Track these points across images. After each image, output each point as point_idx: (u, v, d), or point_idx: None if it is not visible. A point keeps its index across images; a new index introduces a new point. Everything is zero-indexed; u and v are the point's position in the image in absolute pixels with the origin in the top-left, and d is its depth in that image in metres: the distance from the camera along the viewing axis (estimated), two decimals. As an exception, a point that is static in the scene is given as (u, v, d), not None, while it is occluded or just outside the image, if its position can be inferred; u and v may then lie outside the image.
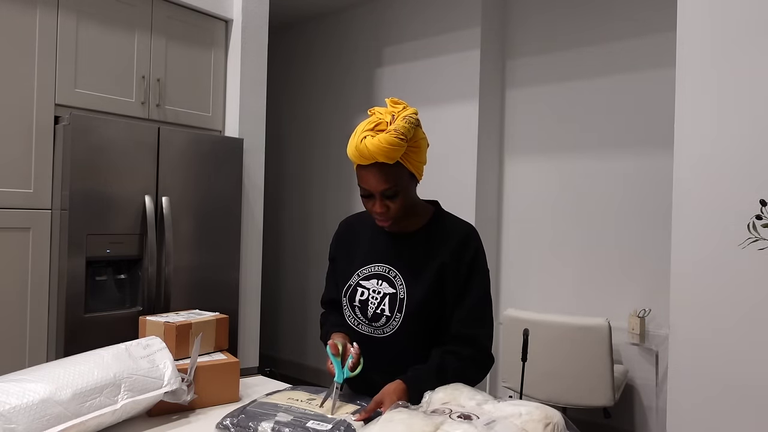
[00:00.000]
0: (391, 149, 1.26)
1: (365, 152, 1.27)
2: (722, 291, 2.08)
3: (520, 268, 3.73)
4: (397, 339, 1.40)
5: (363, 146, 1.27)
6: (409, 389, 1.28)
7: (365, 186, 1.34)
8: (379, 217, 1.38)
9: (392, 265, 1.44)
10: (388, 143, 1.25)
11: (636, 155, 3.30)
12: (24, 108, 2.49)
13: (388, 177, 1.31)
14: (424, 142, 1.37)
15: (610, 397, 2.71)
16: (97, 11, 2.72)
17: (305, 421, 1.19)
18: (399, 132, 1.26)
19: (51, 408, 1.14)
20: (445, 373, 1.33)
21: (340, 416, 1.23)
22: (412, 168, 1.35)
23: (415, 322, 1.39)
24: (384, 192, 1.32)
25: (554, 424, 1.05)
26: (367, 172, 1.31)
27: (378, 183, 1.31)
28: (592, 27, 3.46)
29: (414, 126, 1.31)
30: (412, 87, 3.99)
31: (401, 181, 1.33)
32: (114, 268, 2.71)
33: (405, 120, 1.29)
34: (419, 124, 1.35)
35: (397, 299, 1.40)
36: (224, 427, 1.20)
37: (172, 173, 2.82)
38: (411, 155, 1.32)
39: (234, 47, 3.21)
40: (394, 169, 1.31)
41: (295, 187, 4.76)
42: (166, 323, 1.49)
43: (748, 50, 2.04)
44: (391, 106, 1.35)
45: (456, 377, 1.28)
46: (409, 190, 1.38)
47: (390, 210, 1.36)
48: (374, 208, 1.36)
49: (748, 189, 2.03)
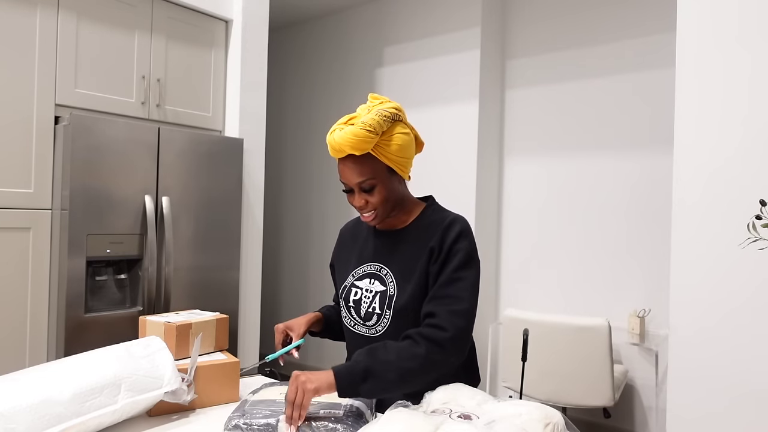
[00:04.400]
0: (357, 140, 1.29)
1: (334, 144, 1.33)
2: (722, 291, 2.08)
3: (520, 268, 3.73)
4: (389, 338, 1.39)
5: (332, 138, 1.33)
6: (337, 376, 1.20)
7: (343, 180, 1.38)
8: (362, 212, 1.40)
9: (384, 264, 1.44)
10: (353, 134, 1.29)
11: (636, 155, 3.30)
12: (24, 108, 2.49)
13: (362, 169, 1.34)
14: (404, 137, 1.35)
15: (610, 397, 2.71)
16: (97, 11, 2.72)
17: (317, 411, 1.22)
18: (366, 124, 1.29)
19: (51, 408, 1.14)
20: (375, 350, 1.25)
21: None
22: (389, 162, 1.34)
23: (404, 319, 1.37)
24: (360, 185, 1.36)
25: (554, 424, 1.05)
26: (343, 165, 1.36)
27: (352, 175, 1.35)
28: (592, 27, 3.46)
29: (387, 120, 1.32)
30: (412, 87, 3.99)
31: (377, 174, 1.35)
32: (114, 268, 2.71)
33: (377, 113, 1.32)
34: (398, 118, 1.36)
35: (387, 297, 1.40)
36: (235, 427, 1.20)
37: (172, 173, 2.82)
38: (384, 148, 1.33)
39: (234, 47, 3.21)
40: (367, 161, 1.34)
41: (295, 187, 4.77)
42: (166, 323, 1.49)
43: (748, 50, 2.04)
44: (370, 101, 1.39)
45: (401, 359, 1.22)
46: (388, 184, 1.37)
47: (369, 204, 1.38)
48: (354, 202, 1.40)
49: (748, 189, 2.03)
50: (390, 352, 1.25)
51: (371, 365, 1.22)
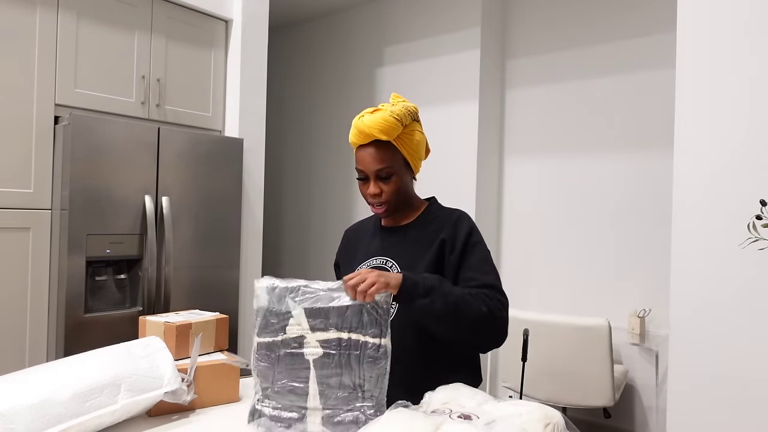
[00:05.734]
0: (386, 125, 1.37)
1: (362, 127, 1.39)
2: (722, 291, 2.08)
3: (519, 268, 3.73)
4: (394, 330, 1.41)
5: (361, 122, 1.40)
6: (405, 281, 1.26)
7: (361, 167, 1.43)
8: (374, 201, 1.45)
9: (389, 257, 1.48)
10: (383, 119, 1.38)
11: (636, 155, 3.30)
12: (24, 108, 2.49)
13: (384, 156, 1.40)
14: (420, 136, 1.46)
15: (610, 397, 2.71)
16: (97, 11, 2.72)
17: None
18: (395, 113, 1.39)
19: (51, 408, 1.14)
20: (445, 280, 1.32)
21: None
22: (407, 154, 1.43)
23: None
24: (378, 172, 1.41)
25: (554, 424, 1.05)
26: (364, 151, 1.42)
27: (373, 161, 1.40)
28: (592, 27, 3.46)
29: (411, 114, 1.43)
30: (412, 87, 3.99)
31: (395, 163, 1.42)
32: (114, 268, 2.71)
33: (403, 106, 1.42)
34: (417, 118, 1.47)
35: None
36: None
37: (172, 173, 2.82)
38: (406, 140, 1.42)
39: (234, 47, 3.21)
40: (389, 150, 1.41)
41: (295, 187, 4.76)
42: (166, 323, 1.49)
43: (748, 50, 2.04)
44: (393, 99, 1.48)
45: (464, 300, 1.28)
46: (402, 176, 1.45)
47: (383, 193, 1.43)
48: (368, 190, 1.44)
49: (748, 189, 2.03)
50: (458, 288, 1.32)
51: (438, 286, 1.27)
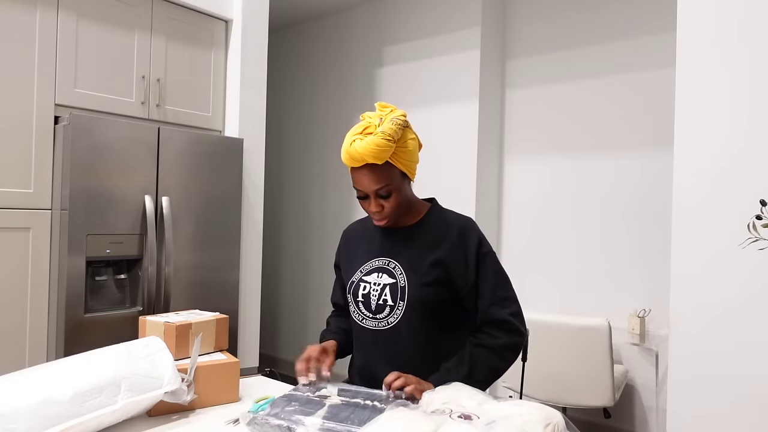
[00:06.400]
0: (379, 150, 1.32)
1: (355, 155, 1.34)
2: (722, 291, 2.08)
3: (520, 268, 3.73)
4: (400, 330, 1.42)
5: (353, 149, 1.35)
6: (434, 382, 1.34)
7: (359, 187, 1.40)
8: (376, 216, 1.44)
9: (392, 258, 1.47)
10: (375, 145, 1.32)
11: (636, 155, 3.30)
12: (24, 108, 2.49)
13: (380, 177, 1.37)
14: (413, 143, 1.42)
15: (610, 397, 2.71)
16: (97, 11, 2.72)
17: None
18: (386, 134, 1.33)
19: (51, 408, 1.14)
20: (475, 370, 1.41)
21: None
22: (403, 167, 1.40)
23: (417, 310, 1.41)
24: (377, 192, 1.39)
25: (554, 424, 1.05)
26: (359, 174, 1.38)
27: (370, 183, 1.38)
28: (592, 27, 3.46)
29: (401, 127, 1.37)
30: (412, 87, 3.99)
31: (393, 180, 1.39)
32: (114, 268, 2.71)
33: (392, 122, 1.36)
34: (408, 125, 1.42)
35: (398, 288, 1.43)
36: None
37: (172, 173, 2.82)
38: (400, 155, 1.38)
39: (234, 47, 3.21)
40: (385, 169, 1.37)
41: (295, 187, 4.76)
42: (166, 323, 1.49)
43: (748, 50, 2.04)
44: (380, 110, 1.42)
45: (488, 370, 1.41)
46: (401, 188, 1.43)
47: (385, 209, 1.42)
48: (370, 207, 1.42)
49: (748, 189, 2.03)
50: (479, 360, 1.42)
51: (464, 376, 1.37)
